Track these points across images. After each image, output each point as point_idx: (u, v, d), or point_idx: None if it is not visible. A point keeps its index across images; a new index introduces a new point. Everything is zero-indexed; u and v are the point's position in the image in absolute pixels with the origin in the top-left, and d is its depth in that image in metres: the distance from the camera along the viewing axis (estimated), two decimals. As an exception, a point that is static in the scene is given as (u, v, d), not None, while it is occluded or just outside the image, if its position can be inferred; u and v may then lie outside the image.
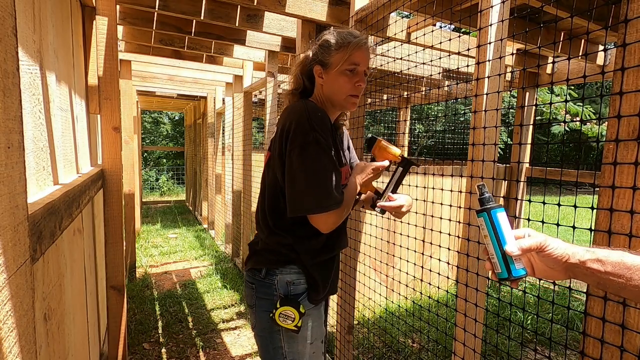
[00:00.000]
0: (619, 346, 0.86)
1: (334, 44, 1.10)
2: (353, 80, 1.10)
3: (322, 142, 1.01)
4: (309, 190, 1.01)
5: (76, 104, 1.65)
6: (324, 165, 1.01)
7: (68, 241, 1.24)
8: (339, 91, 1.11)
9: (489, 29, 1.28)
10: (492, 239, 0.68)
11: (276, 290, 1.11)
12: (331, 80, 1.11)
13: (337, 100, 1.13)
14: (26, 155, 0.81)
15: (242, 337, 2.79)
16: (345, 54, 1.08)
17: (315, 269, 1.13)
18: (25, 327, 0.56)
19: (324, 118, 1.05)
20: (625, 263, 0.56)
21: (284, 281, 1.11)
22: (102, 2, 1.94)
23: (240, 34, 3.07)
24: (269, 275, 1.12)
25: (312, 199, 1.01)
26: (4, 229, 0.50)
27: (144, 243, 5.53)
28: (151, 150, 14.26)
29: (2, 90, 0.49)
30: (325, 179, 1.01)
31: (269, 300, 1.11)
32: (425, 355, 2.54)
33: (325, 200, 1.01)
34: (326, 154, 1.02)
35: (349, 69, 1.09)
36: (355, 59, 1.08)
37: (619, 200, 0.85)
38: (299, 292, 1.12)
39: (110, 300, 2.08)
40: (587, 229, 1.00)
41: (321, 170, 1.01)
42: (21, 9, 0.86)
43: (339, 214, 1.06)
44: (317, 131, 1.01)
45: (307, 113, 1.03)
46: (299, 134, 1.01)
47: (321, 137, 1.01)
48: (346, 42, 1.08)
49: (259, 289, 1.13)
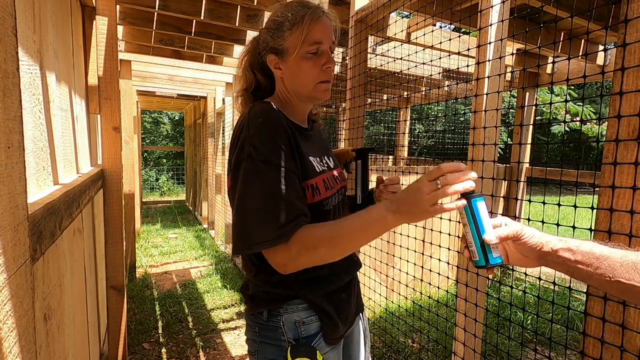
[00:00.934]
0: (619, 346, 0.86)
1: (284, 22, 0.87)
2: (319, 63, 0.87)
3: (255, 157, 0.78)
4: (239, 221, 0.79)
5: (76, 104, 1.65)
6: (254, 188, 0.78)
7: (68, 241, 1.24)
8: (305, 80, 0.88)
9: (489, 29, 1.28)
10: (471, 227, 0.69)
11: (284, 335, 0.87)
12: (292, 69, 0.88)
13: (305, 91, 0.89)
14: (26, 155, 0.81)
15: (242, 337, 2.78)
16: (301, 32, 0.84)
17: (325, 301, 0.90)
18: (25, 327, 0.56)
19: (267, 123, 0.81)
20: (594, 253, 0.59)
21: (292, 321, 0.88)
22: (102, 2, 1.94)
23: (240, 34, 3.07)
24: (272, 317, 0.88)
25: (238, 231, 0.79)
26: (4, 229, 0.50)
27: (144, 243, 5.53)
28: (151, 150, 14.26)
29: (2, 90, 0.49)
30: (249, 206, 0.78)
31: (275, 346, 0.88)
32: (425, 355, 2.54)
33: (250, 234, 0.77)
34: (260, 173, 0.78)
35: (310, 50, 0.85)
36: (316, 36, 0.85)
37: (619, 200, 0.85)
38: (311, 332, 0.88)
39: (110, 300, 2.08)
40: (587, 229, 1.00)
41: (247, 194, 0.78)
42: (21, 9, 0.86)
43: (285, 254, 0.76)
44: (253, 143, 0.79)
45: (247, 120, 0.82)
46: (236, 150, 0.82)
47: (255, 150, 0.78)
48: (299, 17, 0.85)
49: (262, 332, 0.90)
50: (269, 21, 0.91)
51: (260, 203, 0.77)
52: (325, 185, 0.90)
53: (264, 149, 0.79)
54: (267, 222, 0.76)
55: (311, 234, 0.77)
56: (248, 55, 0.96)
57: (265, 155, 0.78)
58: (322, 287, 0.90)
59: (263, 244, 0.76)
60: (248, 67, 0.95)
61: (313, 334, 0.88)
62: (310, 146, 0.94)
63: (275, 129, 0.81)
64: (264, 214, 0.76)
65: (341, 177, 1.03)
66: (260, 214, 0.77)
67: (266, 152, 0.78)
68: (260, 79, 0.96)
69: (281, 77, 0.91)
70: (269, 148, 0.79)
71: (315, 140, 0.99)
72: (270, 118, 0.82)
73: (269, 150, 0.79)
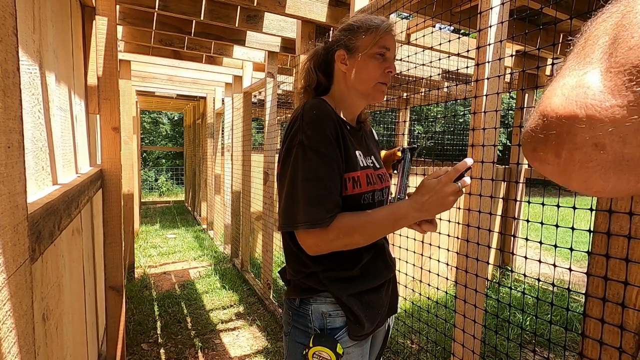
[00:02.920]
0: (617, 347, 0.86)
1: (361, 26, 0.97)
2: (383, 66, 0.96)
3: (307, 145, 0.86)
4: (286, 201, 0.88)
5: (75, 104, 1.65)
6: (303, 173, 0.86)
7: (67, 241, 1.24)
8: (367, 77, 0.96)
9: (488, 31, 1.28)
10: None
11: (311, 322, 0.94)
12: (358, 66, 0.96)
13: (364, 88, 0.98)
14: (25, 155, 0.80)
15: (240, 338, 2.78)
16: (375, 36, 0.94)
17: (353, 300, 0.94)
18: (25, 327, 0.56)
19: (320, 115, 0.89)
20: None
21: (319, 312, 0.94)
22: (101, 2, 1.94)
23: (240, 35, 3.07)
24: (303, 305, 0.96)
25: (285, 210, 0.88)
26: (4, 228, 0.50)
27: (143, 243, 5.53)
28: (150, 150, 14.25)
29: (3, 90, 0.49)
30: (297, 189, 0.86)
31: (303, 331, 0.95)
32: (424, 356, 2.54)
33: (295, 214, 0.85)
34: (310, 160, 0.86)
35: (379, 52, 0.95)
36: (387, 43, 0.95)
37: (618, 201, 0.85)
38: (336, 326, 0.93)
39: (108, 300, 2.07)
40: (586, 230, 1.00)
41: (297, 178, 0.86)
42: (21, 9, 0.86)
43: (323, 237, 0.85)
44: (306, 132, 0.87)
45: (301, 112, 0.90)
46: (288, 138, 0.90)
47: (307, 139, 0.86)
48: (375, 25, 0.95)
49: (294, 317, 0.98)
50: (345, 25, 1.01)
51: (308, 187, 0.85)
52: (367, 180, 0.96)
53: (315, 139, 0.86)
54: (313, 206, 0.84)
55: (348, 221, 0.86)
56: (313, 58, 1.05)
57: (315, 144, 0.86)
58: (351, 287, 0.94)
59: (306, 224, 0.84)
60: (312, 67, 1.04)
61: (338, 327, 0.93)
62: (357, 143, 1.01)
63: (326, 122, 0.89)
64: (311, 197, 0.84)
65: (385, 177, 1.08)
66: (307, 197, 0.84)
67: (317, 141, 0.86)
68: (321, 79, 1.04)
69: (344, 72, 0.98)
70: (320, 138, 0.86)
71: (363, 139, 1.06)
72: (322, 111, 0.90)
73: (319, 140, 0.86)
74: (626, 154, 0.29)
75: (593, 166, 0.31)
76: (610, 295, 0.85)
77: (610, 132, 0.28)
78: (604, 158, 0.30)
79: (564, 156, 0.32)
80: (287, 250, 0.99)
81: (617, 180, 0.31)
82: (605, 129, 0.29)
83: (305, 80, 1.05)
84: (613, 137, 0.29)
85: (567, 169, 0.32)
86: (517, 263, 4.28)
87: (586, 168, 0.31)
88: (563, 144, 0.31)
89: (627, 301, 0.83)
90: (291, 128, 0.91)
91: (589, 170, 0.31)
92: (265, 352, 2.57)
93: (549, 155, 0.33)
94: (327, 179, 0.86)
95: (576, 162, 0.31)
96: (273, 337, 2.78)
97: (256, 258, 4.63)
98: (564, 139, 0.31)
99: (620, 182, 0.31)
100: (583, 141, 0.30)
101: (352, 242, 0.87)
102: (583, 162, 0.31)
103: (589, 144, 0.30)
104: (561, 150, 0.32)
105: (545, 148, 0.33)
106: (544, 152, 0.33)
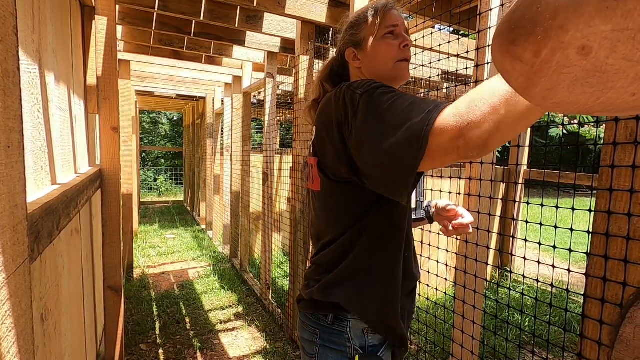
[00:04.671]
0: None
1: (359, 17, 0.92)
2: (397, 43, 0.88)
3: (369, 90, 0.72)
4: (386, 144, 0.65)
5: (75, 103, 1.65)
6: (389, 98, 0.68)
7: (66, 241, 1.23)
8: (384, 60, 0.88)
9: (488, 32, 1.29)
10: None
11: (350, 341, 0.84)
12: (370, 54, 0.89)
13: (385, 71, 0.89)
14: (25, 155, 0.80)
15: (239, 339, 2.78)
16: (376, 20, 0.88)
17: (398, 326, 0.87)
18: (24, 327, 0.56)
19: (368, 80, 0.78)
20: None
21: (360, 328, 0.85)
22: (101, 2, 1.94)
23: (239, 35, 3.07)
24: (339, 322, 0.85)
25: (392, 148, 0.64)
26: (4, 228, 0.50)
27: (142, 243, 5.52)
28: (149, 150, 14.24)
29: (3, 90, 0.49)
30: (393, 117, 0.66)
31: (339, 351, 0.84)
32: (423, 357, 2.54)
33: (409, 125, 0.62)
34: (382, 95, 0.70)
35: (387, 32, 0.88)
36: (392, 20, 0.88)
37: (617, 203, 0.85)
38: (377, 342, 0.87)
39: (107, 300, 2.07)
40: (585, 231, 1.01)
41: (383, 114, 0.67)
42: (21, 8, 0.86)
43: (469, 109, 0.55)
44: (361, 87, 0.74)
45: (342, 86, 0.78)
46: (348, 108, 0.74)
47: (368, 88, 0.73)
48: (373, 10, 0.90)
49: (324, 335, 0.86)
50: (347, 24, 0.96)
51: (401, 106, 0.65)
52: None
53: (374, 84, 0.73)
54: (420, 105, 0.64)
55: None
56: (323, 71, 1.00)
57: (377, 84, 0.73)
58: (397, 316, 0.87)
59: (435, 109, 0.62)
60: (321, 81, 0.99)
61: (379, 344, 0.87)
62: None
63: (371, 80, 0.77)
64: (413, 105, 0.64)
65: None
66: (409, 109, 0.64)
67: (376, 85, 0.73)
68: (328, 90, 0.96)
69: (359, 67, 0.92)
70: (377, 84, 0.74)
71: None
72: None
73: (378, 84, 0.73)
74: (607, 64, 0.26)
75: (566, 73, 0.28)
76: (609, 297, 0.86)
77: (605, 36, 0.25)
78: (582, 65, 0.27)
79: (543, 55, 0.27)
80: (334, 256, 0.86)
81: (580, 94, 0.28)
82: (603, 30, 0.25)
83: (315, 93, 1.01)
84: (605, 42, 0.25)
85: (539, 72, 0.28)
86: (516, 264, 4.28)
87: (559, 74, 0.28)
88: (548, 41, 0.27)
89: (626, 302, 0.83)
90: (344, 107, 0.75)
91: (560, 77, 0.28)
92: (264, 353, 2.57)
93: (527, 52, 0.28)
94: (413, 95, 0.69)
95: (552, 65, 0.28)
96: (272, 337, 2.78)
97: (255, 258, 4.63)
98: (552, 35, 0.27)
99: (582, 96, 0.28)
100: (572, 41, 0.26)
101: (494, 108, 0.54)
102: (560, 66, 0.27)
103: (576, 45, 0.26)
104: (543, 48, 0.27)
105: (526, 43, 0.28)
106: (522, 48, 0.28)
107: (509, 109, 0.51)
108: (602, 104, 0.29)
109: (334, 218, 0.87)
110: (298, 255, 2.61)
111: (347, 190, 0.82)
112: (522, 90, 0.31)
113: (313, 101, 1.00)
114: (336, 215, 0.86)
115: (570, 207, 1.14)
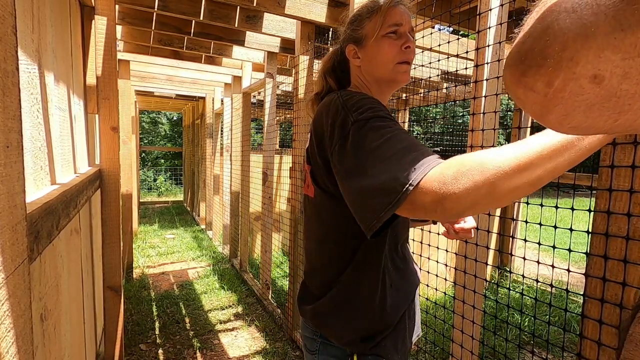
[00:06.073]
0: (616, 348, 0.86)
1: (362, 13, 0.88)
2: (398, 44, 0.84)
3: (363, 118, 0.70)
4: (369, 181, 0.63)
5: (74, 103, 1.65)
6: (375, 140, 0.65)
7: (65, 241, 1.23)
8: (383, 61, 0.84)
9: (487, 32, 1.29)
10: None
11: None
12: (370, 53, 0.86)
13: (383, 73, 0.86)
14: (24, 155, 0.80)
15: (239, 339, 2.78)
16: (379, 17, 0.84)
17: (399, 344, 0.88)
18: (23, 327, 0.56)
19: (363, 95, 0.77)
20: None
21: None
22: (101, 1, 1.94)
23: (239, 35, 3.07)
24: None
25: (372, 193, 0.62)
26: (3, 228, 0.50)
27: (142, 243, 5.52)
28: (149, 150, 14.23)
29: (2, 89, 0.49)
30: (379, 157, 0.63)
31: (337, 348, 0.88)
32: (423, 357, 2.54)
33: (396, 178, 0.58)
34: (377, 126, 0.67)
35: (389, 31, 0.84)
36: (395, 19, 0.84)
37: (616, 202, 0.85)
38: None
39: (107, 300, 2.07)
40: (584, 231, 1.01)
41: (373, 149, 0.65)
42: (20, 8, 0.86)
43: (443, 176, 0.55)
44: (355, 110, 0.72)
45: (339, 99, 0.76)
46: (337, 128, 0.73)
47: (361, 113, 0.70)
48: (377, 6, 0.85)
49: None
50: (349, 18, 0.92)
51: (391, 146, 0.63)
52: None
53: (370, 108, 0.71)
54: (412, 152, 0.61)
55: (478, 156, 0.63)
56: (324, 64, 0.97)
57: (373, 112, 0.70)
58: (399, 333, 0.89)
59: (427, 163, 0.59)
60: (323, 74, 0.96)
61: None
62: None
63: (369, 97, 0.76)
64: (405, 148, 0.62)
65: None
66: (399, 152, 0.62)
67: (373, 109, 0.71)
68: (331, 84, 0.95)
69: (359, 66, 0.89)
70: (374, 106, 0.72)
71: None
72: (360, 92, 0.80)
73: (374, 108, 0.71)
74: (621, 90, 0.26)
75: (581, 100, 0.27)
76: (609, 297, 0.86)
77: (616, 64, 0.25)
78: (596, 92, 0.26)
79: (555, 85, 0.27)
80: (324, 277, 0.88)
81: (597, 117, 0.28)
82: (614, 59, 0.25)
83: (317, 87, 0.98)
84: (617, 70, 0.25)
85: (553, 101, 0.28)
86: (515, 264, 4.29)
87: (573, 102, 0.28)
88: (560, 72, 0.27)
89: (625, 302, 0.83)
90: (332, 125, 0.74)
91: (575, 104, 0.28)
92: (264, 353, 2.57)
93: (539, 83, 0.28)
94: (407, 135, 0.65)
95: (566, 94, 0.27)
96: (272, 337, 2.78)
97: (255, 258, 4.63)
98: (563, 67, 0.27)
99: (599, 119, 0.28)
100: (583, 71, 0.26)
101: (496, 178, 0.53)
102: (574, 95, 0.27)
103: (587, 75, 0.26)
104: (555, 79, 0.27)
105: (537, 75, 0.28)
106: (533, 79, 0.28)
107: (490, 190, 0.53)
108: (621, 125, 0.29)
109: (325, 232, 0.87)
110: (298, 255, 2.61)
111: (339, 205, 0.79)
112: (537, 117, 0.31)
113: (315, 95, 0.98)
114: (328, 229, 0.86)
115: (570, 207, 1.14)
